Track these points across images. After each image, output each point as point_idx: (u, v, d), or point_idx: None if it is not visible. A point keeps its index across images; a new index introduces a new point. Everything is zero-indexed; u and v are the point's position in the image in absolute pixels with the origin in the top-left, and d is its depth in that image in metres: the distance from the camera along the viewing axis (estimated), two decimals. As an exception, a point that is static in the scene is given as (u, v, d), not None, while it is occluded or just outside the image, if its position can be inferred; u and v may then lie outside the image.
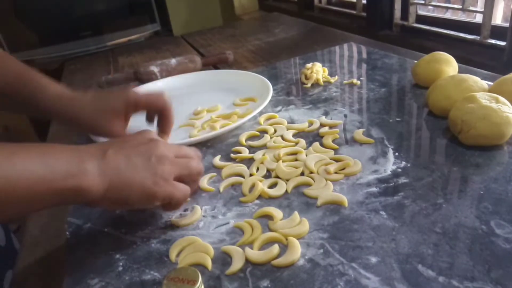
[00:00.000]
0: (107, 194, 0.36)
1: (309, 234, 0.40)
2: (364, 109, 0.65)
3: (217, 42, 1.26)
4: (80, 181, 0.34)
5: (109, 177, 0.36)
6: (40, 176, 0.32)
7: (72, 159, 0.34)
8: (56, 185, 0.33)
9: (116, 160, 0.37)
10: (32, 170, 0.32)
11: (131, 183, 0.37)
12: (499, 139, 0.48)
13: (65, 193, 0.33)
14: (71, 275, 0.40)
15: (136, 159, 0.38)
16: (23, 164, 0.31)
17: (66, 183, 0.33)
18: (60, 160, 0.34)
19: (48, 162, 0.33)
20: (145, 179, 0.38)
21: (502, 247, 0.35)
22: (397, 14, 1.21)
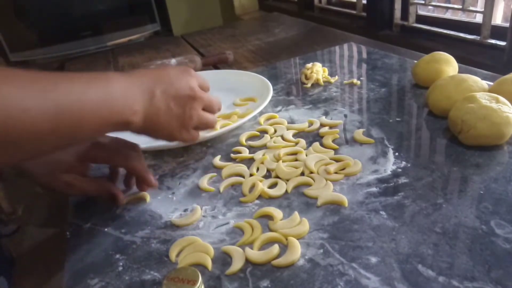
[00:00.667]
0: (144, 129, 0.42)
1: (309, 234, 0.40)
2: (364, 109, 0.65)
3: (217, 42, 1.26)
4: (130, 119, 0.39)
5: (149, 119, 0.42)
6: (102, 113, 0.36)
7: (127, 100, 0.39)
8: (113, 120, 0.38)
9: (159, 105, 0.42)
10: (96, 108, 0.36)
11: (162, 127, 0.44)
12: (499, 139, 0.48)
13: (116, 125, 0.39)
14: (71, 275, 0.40)
15: (174, 108, 0.44)
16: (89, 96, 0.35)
17: (119, 119, 0.38)
18: (118, 100, 0.38)
19: (108, 100, 0.37)
20: (174, 127, 0.45)
21: (502, 247, 0.35)
22: (397, 14, 1.21)
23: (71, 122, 0.34)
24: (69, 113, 0.33)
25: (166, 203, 0.49)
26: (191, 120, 0.46)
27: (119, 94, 0.38)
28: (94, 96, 0.36)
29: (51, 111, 0.32)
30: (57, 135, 0.33)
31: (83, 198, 0.52)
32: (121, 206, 0.49)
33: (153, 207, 0.48)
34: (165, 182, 0.53)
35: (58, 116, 0.32)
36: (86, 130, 0.36)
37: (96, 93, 0.36)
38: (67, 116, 0.33)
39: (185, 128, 0.46)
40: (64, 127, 0.33)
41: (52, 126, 0.32)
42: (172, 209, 0.47)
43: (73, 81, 0.35)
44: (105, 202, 0.49)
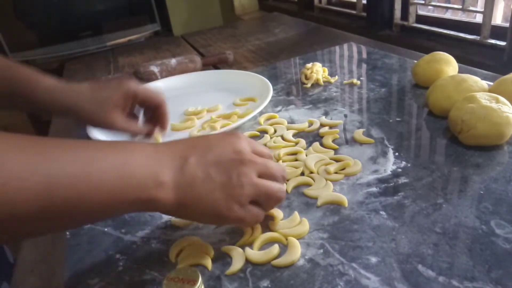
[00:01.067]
0: (178, 208, 0.33)
1: (309, 234, 0.40)
2: (364, 109, 0.65)
3: (217, 42, 1.26)
4: (154, 194, 0.31)
5: (183, 193, 0.33)
6: (114, 187, 0.29)
7: (149, 168, 0.31)
8: (130, 196, 0.30)
9: (194, 173, 0.33)
10: (106, 180, 0.28)
11: (203, 203, 0.34)
12: (499, 139, 0.48)
13: (137, 204, 0.31)
14: (71, 275, 0.40)
15: (215, 176, 0.34)
16: (99, 173, 0.28)
17: (141, 195, 0.30)
18: (137, 168, 0.30)
19: (124, 170, 0.29)
20: (219, 201, 0.34)
21: (502, 247, 0.35)
22: (397, 14, 1.21)
23: (68, 202, 0.26)
24: (65, 189, 0.26)
25: (166, 203, 0.49)
26: (243, 189, 0.35)
27: (138, 163, 0.31)
28: (103, 165, 0.28)
29: (41, 185, 0.25)
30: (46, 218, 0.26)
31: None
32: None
33: (153, 207, 0.48)
34: (165, 182, 0.53)
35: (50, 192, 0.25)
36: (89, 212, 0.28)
37: (106, 161, 0.29)
38: (63, 193, 0.26)
39: (236, 201, 0.35)
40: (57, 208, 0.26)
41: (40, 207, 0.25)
42: (172, 209, 0.47)
43: (76, 147, 0.28)
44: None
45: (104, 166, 0.28)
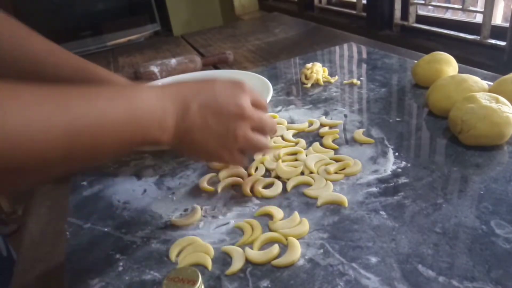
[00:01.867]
0: (175, 147, 0.38)
1: (309, 234, 0.40)
2: (364, 109, 0.65)
3: (217, 42, 1.26)
4: (158, 137, 0.35)
5: (181, 136, 0.37)
6: (125, 133, 0.32)
7: (155, 114, 0.35)
8: (137, 139, 0.34)
9: (194, 120, 0.37)
10: (119, 128, 0.32)
11: (198, 147, 0.39)
12: (499, 139, 0.48)
13: (142, 144, 0.35)
14: (71, 275, 0.40)
15: (213, 126, 0.38)
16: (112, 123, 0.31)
17: (146, 138, 0.34)
18: (145, 115, 0.34)
19: (134, 118, 0.33)
20: (212, 147, 0.39)
21: (502, 247, 0.35)
22: (397, 14, 1.21)
23: (87, 147, 0.29)
24: (84, 137, 0.29)
25: (166, 203, 0.49)
26: (236, 141, 0.39)
27: (145, 110, 0.34)
28: (115, 114, 0.31)
29: (63, 136, 0.27)
30: (69, 161, 0.29)
31: (83, 198, 0.52)
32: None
33: (153, 207, 0.48)
34: (165, 182, 0.53)
35: (71, 140, 0.28)
36: (105, 152, 0.32)
37: (117, 111, 0.31)
38: (82, 140, 0.29)
39: (227, 149, 0.40)
40: (78, 153, 0.29)
41: (64, 153, 0.28)
42: (172, 209, 0.47)
43: (90, 97, 0.31)
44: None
45: (116, 115, 0.31)
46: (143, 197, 0.50)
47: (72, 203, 0.51)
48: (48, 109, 0.27)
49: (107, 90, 0.33)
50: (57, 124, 0.27)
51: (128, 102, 0.33)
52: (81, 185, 0.55)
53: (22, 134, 0.25)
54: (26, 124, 0.25)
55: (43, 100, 0.27)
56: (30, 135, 0.25)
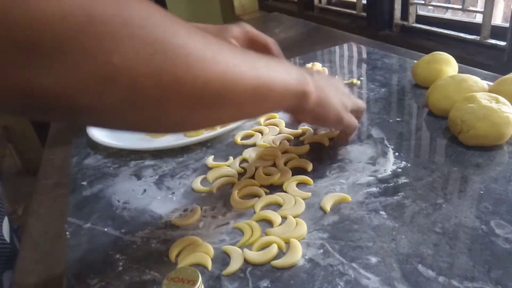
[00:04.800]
0: (315, 105, 0.43)
1: (309, 234, 0.40)
2: (364, 109, 0.65)
3: (217, 42, 1.26)
4: (307, 87, 0.42)
5: (319, 91, 0.43)
6: (286, 80, 0.39)
7: (298, 71, 0.42)
8: (295, 87, 0.40)
9: (319, 82, 0.44)
10: (281, 74, 0.39)
11: (330, 103, 0.45)
12: (499, 139, 0.48)
13: (297, 95, 0.41)
14: (71, 275, 0.40)
15: (329, 88, 0.46)
16: (276, 69, 0.38)
17: (300, 87, 0.41)
18: (293, 70, 0.41)
19: (288, 71, 0.40)
20: (337, 104, 0.46)
21: (502, 247, 0.35)
22: (397, 14, 1.21)
23: (265, 90, 0.36)
24: (264, 81, 0.36)
25: (166, 203, 0.49)
26: (348, 100, 0.49)
27: (293, 70, 0.41)
28: (279, 70, 0.39)
29: (253, 76, 0.35)
30: (254, 99, 0.36)
31: (83, 198, 0.52)
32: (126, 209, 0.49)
33: (153, 207, 0.48)
34: (165, 182, 0.53)
35: (258, 81, 0.35)
36: (274, 95, 0.38)
37: (278, 68, 0.39)
38: (263, 83, 0.36)
39: (345, 107, 0.48)
40: (260, 93, 0.36)
41: (253, 88, 0.35)
42: (172, 209, 0.47)
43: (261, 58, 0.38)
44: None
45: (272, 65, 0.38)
46: (143, 197, 0.50)
47: (72, 203, 0.52)
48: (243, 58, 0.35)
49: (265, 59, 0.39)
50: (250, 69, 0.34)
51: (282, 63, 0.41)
52: (81, 185, 0.55)
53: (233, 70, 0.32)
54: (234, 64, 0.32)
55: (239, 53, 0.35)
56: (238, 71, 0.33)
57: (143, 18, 0.26)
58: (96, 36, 0.23)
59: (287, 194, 0.46)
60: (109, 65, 0.24)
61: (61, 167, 0.62)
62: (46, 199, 0.55)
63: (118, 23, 0.24)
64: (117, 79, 0.25)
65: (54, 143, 0.72)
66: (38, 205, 0.54)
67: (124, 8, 0.25)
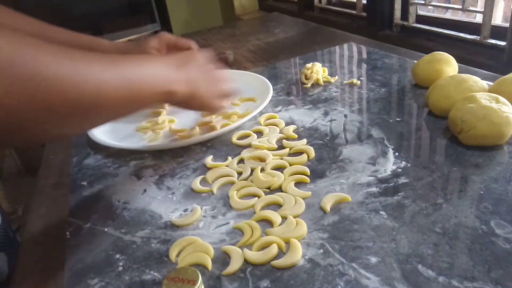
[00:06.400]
0: (186, 99, 0.48)
1: (309, 234, 0.40)
2: (364, 109, 0.65)
3: (217, 42, 1.26)
4: (171, 86, 0.45)
5: (189, 86, 0.47)
6: (153, 80, 0.42)
7: (164, 69, 0.45)
8: (160, 88, 0.43)
9: (187, 74, 0.47)
10: (149, 78, 0.42)
11: (201, 96, 0.50)
12: (499, 139, 0.48)
13: (164, 94, 0.44)
14: (71, 275, 0.40)
15: (201, 82, 0.50)
16: (142, 71, 0.41)
17: (166, 88, 0.44)
18: (159, 69, 0.44)
19: (154, 71, 0.43)
20: (208, 96, 0.51)
21: (502, 247, 0.35)
22: (397, 14, 1.21)
23: (135, 95, 0.40)
24: (134, 88, 0.39)
25: (166, 203, 0.49)
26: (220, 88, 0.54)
27: (158, 69, 0.44)
28: (147, 73, 0.42)
29: (124, 87, 0.38)
30: (126, 103, 0.39)
31: (83, 198, 0.52)
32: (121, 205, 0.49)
33: (153, 207, 0.48)
34: (165, 182, 0.53)
35: (124, 88, 0.38)
36: (144, 98, 0.41)
37: (147, 71, 0.42)
38: (133, 90, 0.39)
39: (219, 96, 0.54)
40: (131, 98, 0.39)
41: (123, 97, 0.38)
42: (172, 209, 0.47)
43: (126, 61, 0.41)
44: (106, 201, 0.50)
45: (141, 73, 0.41)
46: (143, 197, 0.50)
47: (72, 203, 0.51)
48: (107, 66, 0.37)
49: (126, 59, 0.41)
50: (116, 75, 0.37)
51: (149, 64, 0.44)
52: (81, 185, 0.55)
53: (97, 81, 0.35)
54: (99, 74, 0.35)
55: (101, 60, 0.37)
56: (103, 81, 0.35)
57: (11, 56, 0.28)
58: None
59: (287, 194, 0.46)
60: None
61: (61, 167, 0.62)
62: (46, 199, 0.55)
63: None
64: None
65: (54, 143, 0.72)
66: (38, 205, 0.54)
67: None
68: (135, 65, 0.41)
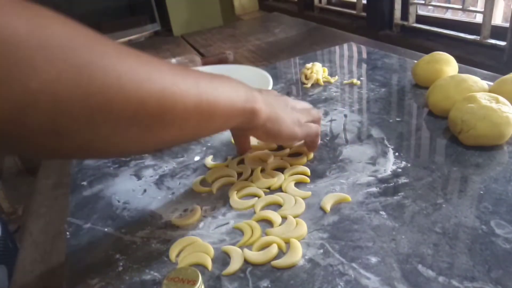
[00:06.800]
0: (266, 122, 0.43)
1: (309, 234, 0.40)
2: (364, 109, 0.65)
3: (217, 42, 1.26)
4: (255, 105, 0.41)
5: (269, 109, 0.43)
6: (232, 98, 0.38)
7: (245, 88, 0.41)
8: (242, 105, 0.40)
9: (269, 99, 0.44)
10: (227, 92, 0.38)
11: (281, 119, 0.45)
12: (499, 139, 0.48)
13: (245, 113, 0.40)
14: (71, 275, 0.40)
15: (279, 105, 0.46)
16: (221, 87, 0.38)
17: (247, 105, 0.40)
18: (240, 88, 0.41)
19: (234, 88, 0.40)
20: (288, 120, 0.46)
21: (502, 247, 0.35)
22: (397, 14, 1.21)
23: (209, 108, 0.35)
24: (207, 99, 0.35)
25: (166, 203, 0.49)
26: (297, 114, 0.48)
27: (239, 87, 0.41)
28: (224, 87, 0.38)
29: (195, 94, 0.34)
30: (197, 118, 0.35)
31: (83, 198, 0.52)
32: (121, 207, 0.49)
33: (153, 207, 0.48)
34: (165, 182, 0.53)
35: (200, 100, 0.34)
36: (219, 116, 0.37)
37: (223, 85, 0.38)
38: (206, 101, 0.35)
39: (299, 123, 0.47)
40: (203, 112, 0.35)
41: (194, 106, 0.33)
42: (172, 209, 0.47)
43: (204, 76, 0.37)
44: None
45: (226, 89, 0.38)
46: (143, 197, 0.50)
47: (72, 203, 0.52)
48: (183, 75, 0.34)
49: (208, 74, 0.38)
50: (191, 87, 0.33)
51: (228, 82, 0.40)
52: (81, 185, 0.55)
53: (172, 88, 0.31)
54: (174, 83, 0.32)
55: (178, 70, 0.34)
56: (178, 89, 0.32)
57: (65, 39, 0.24)
58: (8, 61, 0.21)
59: (287, 194, 0.46)
60: (26, 91, 0.22)
61: (61, 167, 0.62)
62: (46, 199, 0.55)
63: (35, 46, 0.22)
64: (37, 105, 0.23)
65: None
66: (38, 205, 0.54)
67: (41, 29, 0.23)
68: (208, 76, 0.37)
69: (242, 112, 0.39)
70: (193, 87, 0.33)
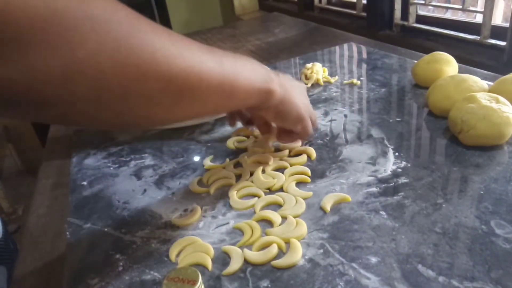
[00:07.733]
0: (279, 104, 0.45)
1: (309, 234, 0.40)
2: (364, 109, 0.65)
3: (217, 42, 1.26)
4: (272, 85, 0.43)
5: (283, 90, 0.45)
6: (252, 78, 0.40)
7: (264, 70, 0.43)
8: (260, 85, 0.41)
9: (284, 82, 0.46)
10: (247, 72, 0.40)
11: (293, 102, 0.47)
12: (499, 139, 0.48)
13: (262, 92, 0.42)
14: (71, 275, 0.40)
15: (292, 88, 0.48)
16: (242, 68, 0.39)
17: (265, 85, 0.42)
18: (259, 69, 0.43)
19: (255, 69, 0.42)
20: (299, 104, 0.48)
21: (502, 247, 0.35)
22: (397, 14, 1.21)
23: (230, 87, 0.37)
24: (230, 78, 0.37)
25: (166, 203, 0.49)
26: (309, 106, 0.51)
27: (259, 68, 0.43)
28: (245, 68, 0.40)
29: (219, 72, 0.35)
30: (219, 95, 0.36)
31: (83, 198, 0.52)
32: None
33: (153, 207, 0.48)
34: (165, 182, 0.53)
35: (223, 78, 0.36)
36: (239, 95, 0.39)
37: (245, 66, 0.41)
38: (228, 80, 0.36)
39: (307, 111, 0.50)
40: (225, 90, 0.36)
41: (218, 84, 0.35)
42: (172, 209, 0.47)
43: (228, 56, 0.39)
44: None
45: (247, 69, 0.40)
46: (143, 197, 0.50)
47: (72, 203, 0.51)
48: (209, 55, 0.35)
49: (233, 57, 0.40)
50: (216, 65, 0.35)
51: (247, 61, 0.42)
52: (81, 185, 0.55)
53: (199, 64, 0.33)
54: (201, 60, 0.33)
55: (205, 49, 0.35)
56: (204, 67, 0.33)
57: (108, 13, 0.26)
58: (59, 30, 0.23)
59: (287, 194, 0.46)
60: (74, 59, 0.24)
61: (61, 167, 0.62)
62: (46, 199, 0.55)
63: (82, 17, 0.24)
64: (82, 72, 0.25)
65: (54, 143, 0.72)
66: (38, 205, 0.54)
67: (88, 4, 0.25)
68: (232, 56, 0.39)
69: (258, 92, 0.41)
70: (218, 66, 0.35)
